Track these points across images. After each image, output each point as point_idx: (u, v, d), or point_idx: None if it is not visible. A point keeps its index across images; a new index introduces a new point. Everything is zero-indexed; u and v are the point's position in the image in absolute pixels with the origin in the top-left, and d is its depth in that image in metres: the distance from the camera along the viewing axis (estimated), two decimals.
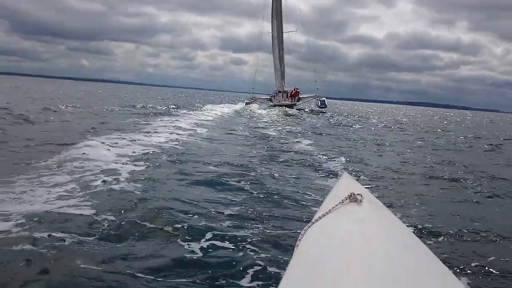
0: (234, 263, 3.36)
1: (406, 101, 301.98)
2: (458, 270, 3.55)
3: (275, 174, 6.96)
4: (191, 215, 4.40)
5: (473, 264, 3.77)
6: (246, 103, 40.88)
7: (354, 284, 1.25)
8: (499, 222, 5.24)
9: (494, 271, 3.65)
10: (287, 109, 35.18)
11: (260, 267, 3.30)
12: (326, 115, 33.81)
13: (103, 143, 8.09)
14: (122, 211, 4.32)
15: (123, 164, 6.53)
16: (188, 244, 3.69)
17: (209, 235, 3.86)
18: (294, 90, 39.74)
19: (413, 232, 4.16)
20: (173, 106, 27.75)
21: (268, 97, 42.23)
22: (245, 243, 3.75)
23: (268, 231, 4.14)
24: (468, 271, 3.62)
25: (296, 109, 37.65)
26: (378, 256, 1.44)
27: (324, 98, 39.62)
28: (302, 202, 5.32)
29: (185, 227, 4.03)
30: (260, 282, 3.11)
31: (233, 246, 3.69)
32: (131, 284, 2.95)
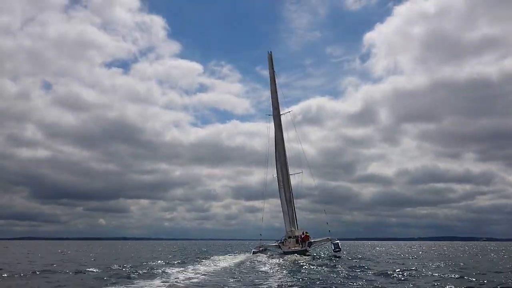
0: None
1: (426, 237, 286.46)
2: None
3: None
4: None
5: None
6: (254, 253, 37.37)
7: None
8: None
9: None
10: (298, 257, 31.47)
11: None
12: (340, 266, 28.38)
13: None
14: None
15: None
16: None
17: None
18: (304, 234, 36.52)
19: None
20: (146, 269, 24.70)
21: (277, 244, 38.74)
22: None
23: None
24: None
25: (308, 255, 33.82)
26: None
27: (338, 241, 35.96)
28: None
29: None
30: None
31: None
32: None
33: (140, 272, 18.92)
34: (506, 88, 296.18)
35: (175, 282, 15.61)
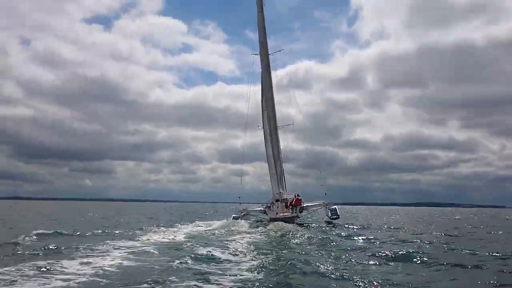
0: None
1: (409, 202, 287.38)
2: None
3: None
4: None
5: None
6: (234, 218, 31.01)
7: None
8: None
9: None
10: (284, 224, 25.24)
11: None
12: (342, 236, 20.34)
13: None
14: None
15: None
16: None
17: None
18: (295, 197, 30.19)
19: None
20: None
21: (263, 209, 32.44)
22: None
23: None
24: None
25: (298, 224, 27.64)
26: None
27: (335, 206, 29.90)
28: None
29: None
30: None
31: None
32: None
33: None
34: (491, 54, 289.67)
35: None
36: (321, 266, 9.92)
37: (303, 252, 12.55)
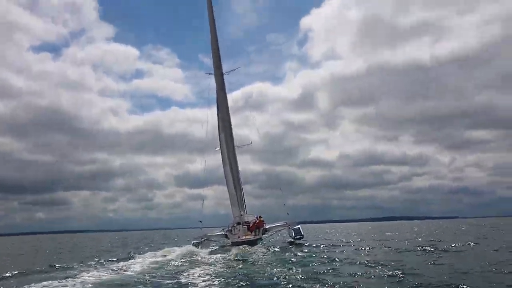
0: None
1: (367, 218, 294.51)
2: None
3: None
4: None
5: None
6: (194, 245, 29.32)
7: None
8: None
9: None
10: (247, 247, 24.05)
11: None
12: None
13: None
14: None
15: None
16: None
17: None
18: (257, 219, 29.10)
19: None
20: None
21: (224, 233, 31.06)
22: None
23: None
24: None
25: (261, 246, 26.48)
26: None
27: (299, 226, 29.13)
28: None
29: None
30: None
31: None
32: None
33: None
34: (438, 71, 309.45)
35: None
36: None
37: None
